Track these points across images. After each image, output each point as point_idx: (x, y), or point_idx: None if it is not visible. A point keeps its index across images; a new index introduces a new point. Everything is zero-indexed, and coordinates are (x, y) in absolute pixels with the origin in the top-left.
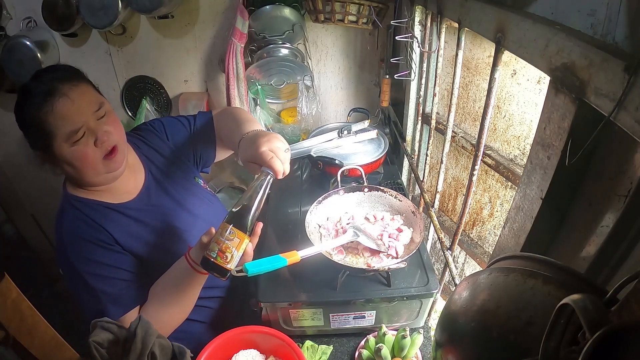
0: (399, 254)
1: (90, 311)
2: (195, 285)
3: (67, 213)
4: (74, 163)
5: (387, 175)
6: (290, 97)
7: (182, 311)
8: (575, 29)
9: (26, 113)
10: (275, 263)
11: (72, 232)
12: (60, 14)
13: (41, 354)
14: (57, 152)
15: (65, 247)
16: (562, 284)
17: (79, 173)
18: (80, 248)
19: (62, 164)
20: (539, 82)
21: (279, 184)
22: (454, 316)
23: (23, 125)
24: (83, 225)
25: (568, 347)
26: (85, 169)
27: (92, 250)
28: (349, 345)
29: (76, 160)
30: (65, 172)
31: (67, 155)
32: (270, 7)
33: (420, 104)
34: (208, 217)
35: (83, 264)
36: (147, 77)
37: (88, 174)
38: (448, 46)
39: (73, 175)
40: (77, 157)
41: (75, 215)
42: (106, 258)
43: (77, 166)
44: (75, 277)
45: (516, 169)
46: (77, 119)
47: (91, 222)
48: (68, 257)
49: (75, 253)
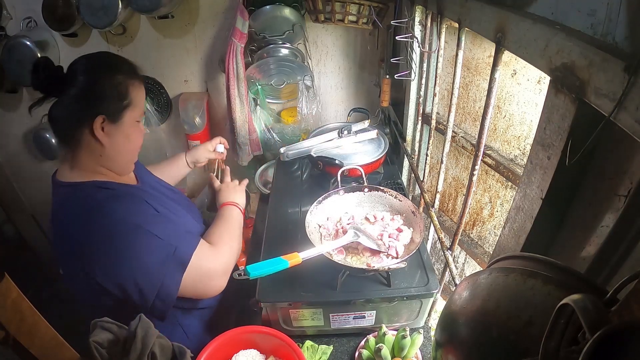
0: (399, 254)
1: (158, 264)
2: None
3: (110, 200)
4: (131, 137)
5: (387, 175)
6: (290, 97)
7: (238, 248)
8: (575, 29)
9: (113, 78)
10: (277, 265)
11: (127, 208)
12: (60, 14)
13: (41, 354)
14: (124, 123)
15: (125, 219)
16: (562, 284)
17: (126, 148)
18: (140, 212)
19: (121, 134)
20: (539, 82)
21: (279, 185)
22: (454, 316)
23: (102, 89)
24: (130, 203)
25: (568, 347)
26: (133, 146)
27: (148, 209)
28: (349, 345)
29: (133, 135)
30: (115, 145)
31: (130, 128)
32: (270, 7)
33: (420, 104)
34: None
35: (147, 222)
36: (147, 77)
37: (130, 152)
38: (448, 46)
39: (120, 148)
40: (137, 133)
41: (117, 198)
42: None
43: (132, 140)
44: (137, 241)
45: (516, 169)
46: (143, 107)
47: (135, 200)
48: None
49: (138, 217)
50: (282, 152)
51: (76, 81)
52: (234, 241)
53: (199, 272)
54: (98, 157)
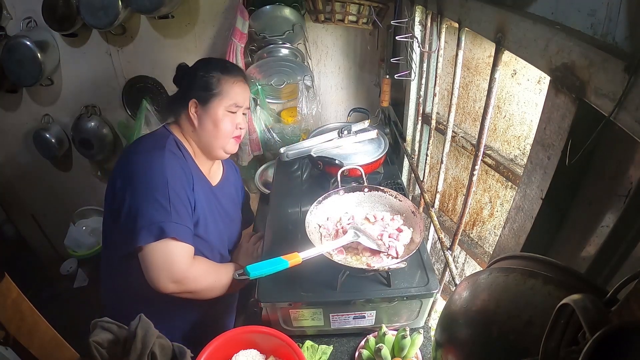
0: (399, 254)
1: (149, 218)
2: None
3: (170, 154)
4: (217, 123)
5: (387, 175)
6: (290, 97)
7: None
8: (575, 29)
9: (209, 72)
10: (277, 265)
11: (173, 166)
12: (60, 14)
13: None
14: (212, 108)
15: (164, 163)
16: (562, 284)
17: (213, 132)
18: (176, 175)
19: (208, 118)
20: (539, 82)
21: (279, 185)
22: (454, 316)
23: (198, 79)
24: (180, 170)
25: (568, 347)
26: (220, 132)
27: (182, 184)
28: (349, 345)
29: (221, 122)
30: (204, 126)
31: (217, 115)
32: (270, 7)
33: (420, 104)
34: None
35: (173, 180)
36: (147, 77)
37: (218, 138)
38: (448, 46)
39: (209, 131)
40: (224, 121)
41: (178, 161)
42: (188, 198)
43: (218, 127)
44: (154, 188)
45: (516, 169)
46: (241, 101)
47: (187, 172)
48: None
49: (170, 171)
50: (282, 152)
51: (187, 75)
52: (209, 278)
53: (164, 255)
54: (191, 131)
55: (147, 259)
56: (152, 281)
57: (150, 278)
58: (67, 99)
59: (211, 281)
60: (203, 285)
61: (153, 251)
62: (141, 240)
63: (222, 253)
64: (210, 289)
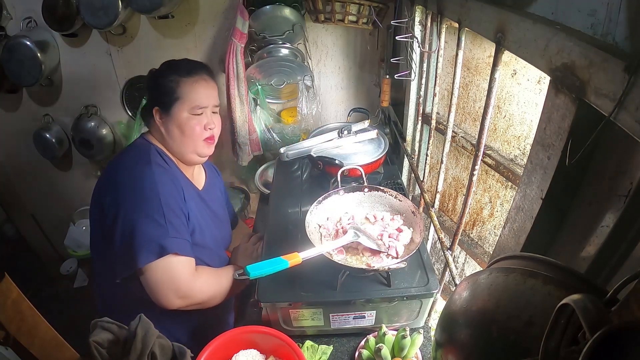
0: (399, 254)
1: (147, 237)
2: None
3: (158, 167)
4: (183, 128)
5: (387, 175)
6: (290, 97)
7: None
8: (575, 29)
9: (167, 77)
10: (277, 265)
11: (163, 181)
12: (60, 14)
13: (41, 354)
14: (175, 114)
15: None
16: (562, 284)
17: (181, 138)
18: (167, 189)
19: (173, 124)
20: (539, 82)
21: (279, 185)
22: (454, 316)
23: (158, 85)
24: (170, 183)
25: (568, 347)
26: (188, 137)
27: (175, 197)
28: (349, 345)
29: (186, 126)
30: (171, 133)
31: (182, 119)
32: (270, 7)
33: (420, 104)
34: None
35: (165, 196)
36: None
37: (187, 143)
38: (448, 46)
39: (176, 137)
40: (189, 125)
41: (167, 174)
42: (182, 209)
43: (184, 131)
44: (148, 205)
45: (516, 169)
46: (204, 101)
47: (177, 183)
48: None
49: (161, 186)
50: (282, 152)
51: (150, 81)
52: (213, 286)
53: (168, 271)
54: (163, 139)
55: (150, 278)
56: (158, 300)
57: (156, 297)
58: (67, 99)
59: (215, 288)
60: (209, 294)
61: (156, 270)
62: (142, 261)
63: (220, 255)
64: (215, 296)
